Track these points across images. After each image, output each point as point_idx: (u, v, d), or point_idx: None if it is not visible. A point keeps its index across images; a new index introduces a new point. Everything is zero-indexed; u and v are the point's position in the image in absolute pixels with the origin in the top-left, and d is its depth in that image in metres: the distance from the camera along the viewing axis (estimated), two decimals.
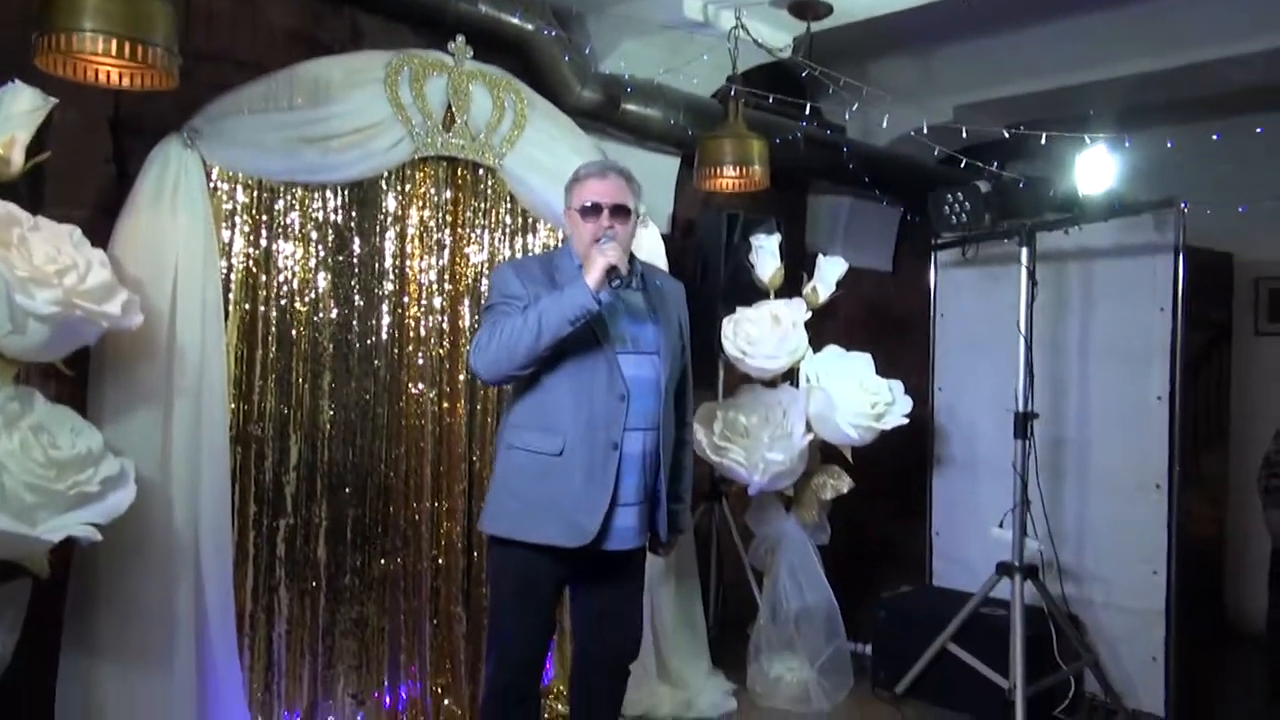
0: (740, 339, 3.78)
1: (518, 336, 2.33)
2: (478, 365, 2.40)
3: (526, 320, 2.33)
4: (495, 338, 2.35)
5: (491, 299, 2.47)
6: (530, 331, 2.33)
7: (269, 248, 3.12)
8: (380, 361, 3.35)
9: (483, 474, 3.56)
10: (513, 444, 2.49)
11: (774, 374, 3.81)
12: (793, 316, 3.78)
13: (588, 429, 2.43)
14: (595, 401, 2.44)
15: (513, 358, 2.34)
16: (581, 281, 2.35)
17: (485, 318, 2.47)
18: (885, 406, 3.72)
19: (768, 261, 3.97)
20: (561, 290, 2.36)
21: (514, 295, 2.44)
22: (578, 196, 2.53)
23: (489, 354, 2.37)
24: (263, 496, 3.09)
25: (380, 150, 3.20)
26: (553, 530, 2.43)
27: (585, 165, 2.59)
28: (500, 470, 2.51)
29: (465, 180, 3.56)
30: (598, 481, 2.43)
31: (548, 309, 2.33)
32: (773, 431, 3.66)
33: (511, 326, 2.34)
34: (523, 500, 2.45)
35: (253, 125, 2.94)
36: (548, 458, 2.43)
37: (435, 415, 3.46)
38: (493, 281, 2.50)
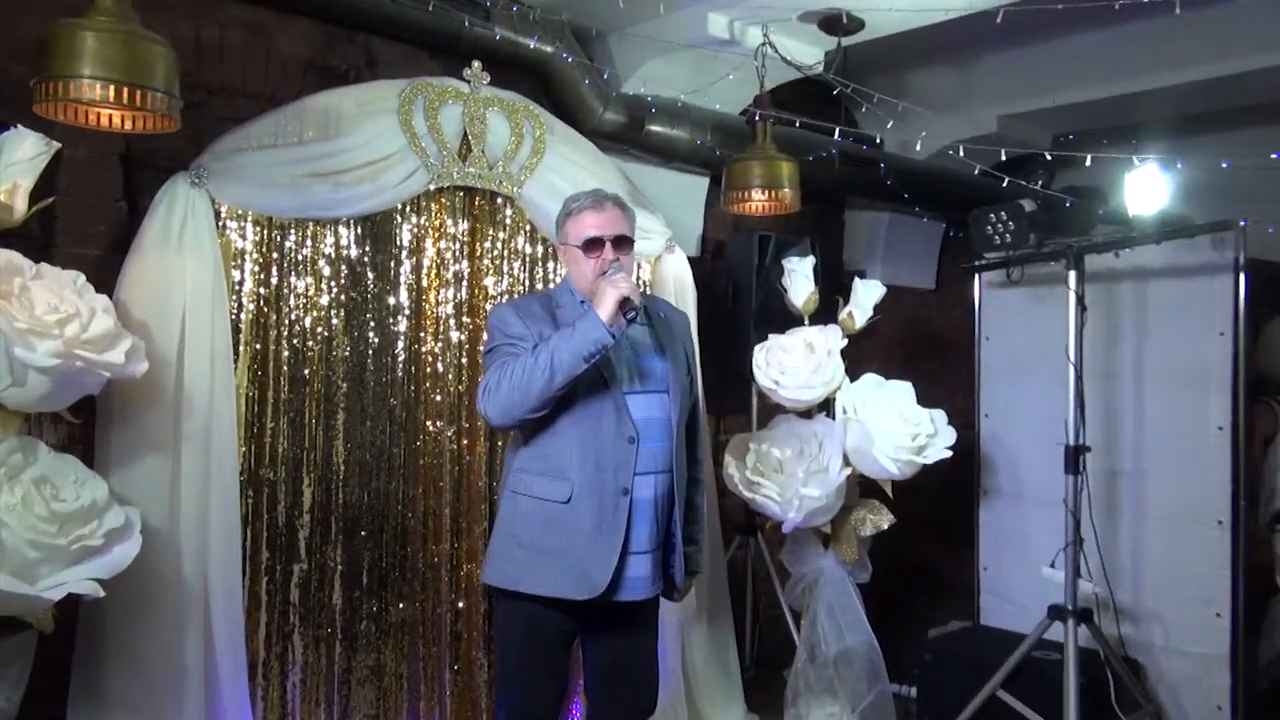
0: (773, 368, 3.73)
1: (529, 377, 2.31)
2: (488, 410, 2.38)
3: (538, 360, 2.32)
4: (506, 379, 2.33)
5: (493, 340, 2.46)
6: (542, 371, 2.31)
7: (280, 285, 3.13)
8: (396, 399, 3.36)
9: None
10: (517, 490, 2.47)
11: (808, 405, 3.75)
12: (828, 344, 3.72)
13: (596, 475, 2.40)
14: (603, 445, 2.42)
15: (525, 400, 2.32)
16: (593, 315, 2.33)
17: (488, 361, 2.46)
18: (927, 439, 3.65)
19: (801, 285, 3.92)
20: (572, 326, 2.35)
21: (517, 336, 2.43)
22: (575, 231, 2.52)
23: (500, 397, 2.35)
24: (275, 541, 3.09)
25: (394, 183, 3.21)
26: (561, 582, 2.41)
27: (577, 198, 2.56)
28: (504, 517, 2.49)
29: (483, 210, 3.56)
30: (608, 530, 2.41)
31: (560, 346, 2.32)
32: (808, 466, 3.60)
33: (522, 367, 2.32)
34: (528, 549, 2.43)
35: (261, 161, 2.96)
36: (555, 505, 2.42)
37: (454, 454, 3.45)
38: (491, 323, 2.49)
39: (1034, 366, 4.20)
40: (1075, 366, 3.53)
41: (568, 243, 2.54)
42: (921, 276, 5.66)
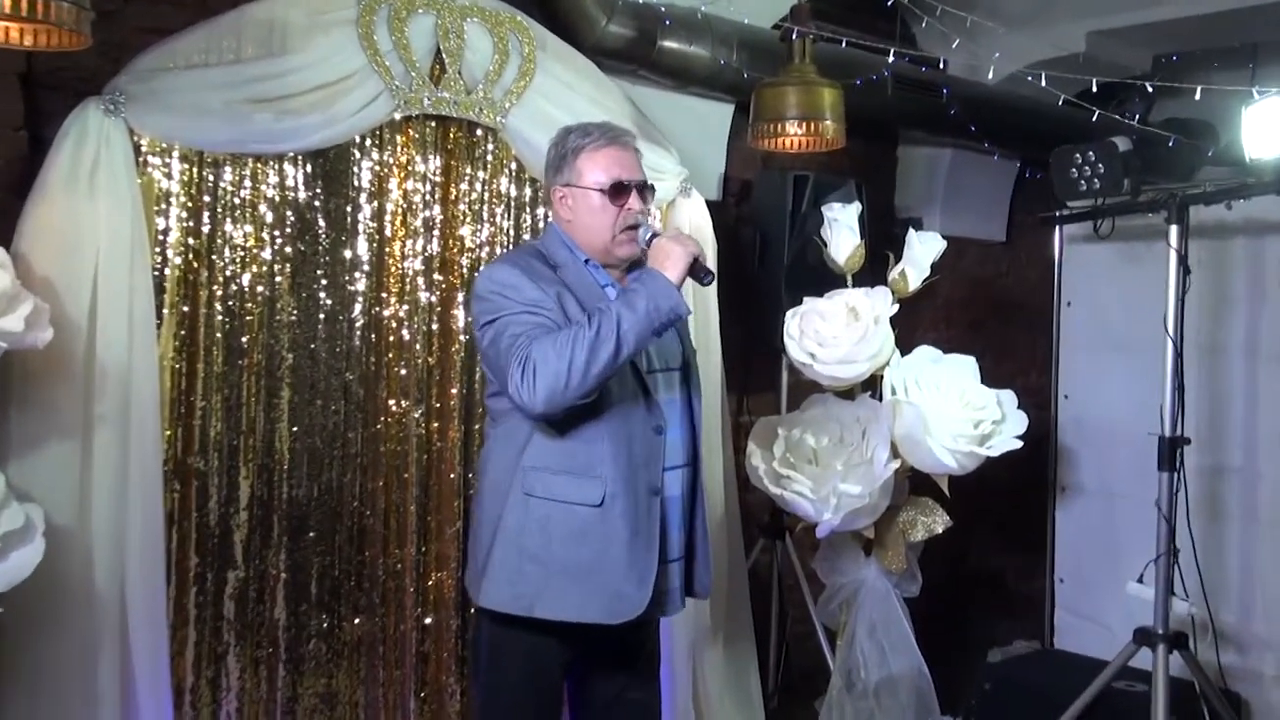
0: (808, 339, 3.71)
1: (591, 353, 2.31)
2: (534, 393, 2.33)
3: (599, 332, 2.32)
4: (555, 355, 2.32)
5: (502, 308, 2.43)
6: (606, 345, 2.32)
7: (213, 235, 3.11)
8: (353, 374, 3.35)
9: None
10: (534, 492, 2.47)
11: (850, 383, 3.74)
12: (875, 310, 3.69)
13: (629, 471, 2.45)
14: (634, 436, 2.47)
15: (584, 381, 2.32)
16: (662, 279, 2.38)
17: (496, 333, 2.43)
18: (993, 426, 3.63)
19: (844, 238, 3.88)
20: (634, 291, 2.38)
21: (535, 301, 2.42)
22: (590, 171, 2.55)
23: (549, 377, 2.31)
24: (206, 545, 3.10)
25: (351, 110, 3.19)
26: (588, 604, 2.43)
27: (588, 130, 2.59)
28: (511, 526, 2.48)
29: (459, 144, 3.53)
30: (644, 537, 2.46)
31: (624, 316, 2.34)
32: (848, 457, 3.59)
33: (580, 341, 2.32)
34: (548, 565, 2.44)
35: (191, 84, 2.93)
36: (584, 510, 2.44)
37: (421, 440, 3.45)
38: (488, 287, 2.47)
39: (1124, 339, 4.17)
40: (1174, 341, 3.51)
41: (577, 184, 2.56)
42: (989, 227, 5.61)
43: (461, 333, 3.56)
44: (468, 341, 3.59)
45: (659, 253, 2.45)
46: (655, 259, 2.45)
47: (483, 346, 2.47)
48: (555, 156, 2.60)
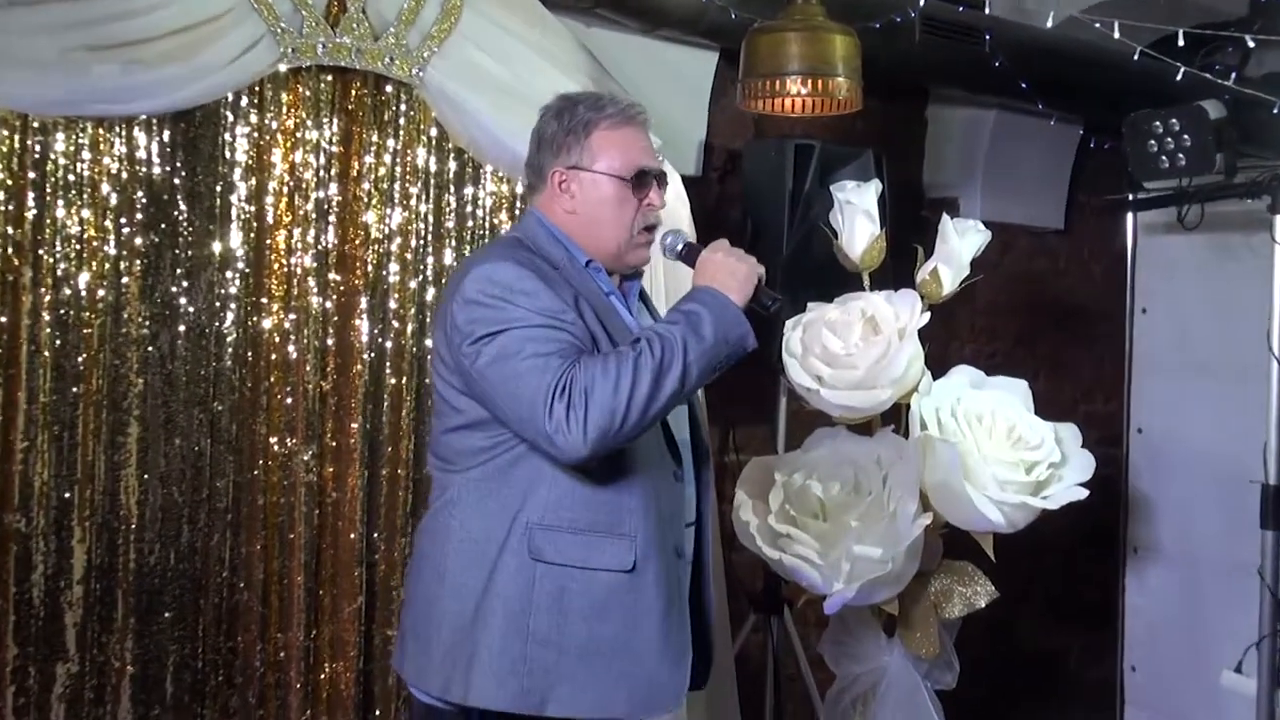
0: (813, 357, 3.70)
1: (656, 383, 2.40)
2: (586, 427, 2.36)
3: (663, 358, 2.41)
4: (614, 384, 2.37)
5: (516, 317, 2.45)
6: (673, 375, 2.41)
7: (40, 223, 3.09)
8: (222, 403, 3.34)
9: (390, 582, 3.52)
10: (544, 557, 2.49)
11: (868, 415, 3.73)
12: (900, 320, 3.68)
13: (659, 528, 2.55)
14: (659, 485, 2.58)
15: (643, 419, 2.40)
16: (731, 303, 2.51)
17: (522, 348, 2.43)
18: (1050, 470, 3.62)
19: (860, 226, 3.87)
20: (695, 314, 2.48)
21: (557, 314, 2.46)
22: (607, 153, 2.64)
23: (606, 409, 2.36)
24: (28, 628, 3.05)
25: (223, 61, 3.18)
26: (615, 695, 2.48)
27: (600, 101, 2.67)
28: (510, 602, 2.49)
29: (363, 104, 3.53)
30: (678, 609, 2.57)
31: (691, 342, 2.44)
32: (865, 511, 3.57)
33: (645, 367, 2.40)
34: (563, 649, 2.47)
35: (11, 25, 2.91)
36: (610, 578, 2.50)
37: (313, 488, 3.45)
38: (490, 290, 2.47)
39: (1215, 358, 4.18)
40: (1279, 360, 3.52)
41: (588, 168, 2.63)
42: (1044, 212, 5.64)
43: (366, 350, 3.55)
44: (373, 360, 3.59)
45: (711, 269, 2.55)
46: (705, 276, 2.54)
47: (475, 366, 2.46)
48: (559, 130, 2.64)
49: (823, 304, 3.79)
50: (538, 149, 2.68)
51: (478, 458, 2.53)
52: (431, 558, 2.57)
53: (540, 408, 2.36)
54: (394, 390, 3.62)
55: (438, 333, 2.56)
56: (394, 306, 3.64)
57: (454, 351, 2.49)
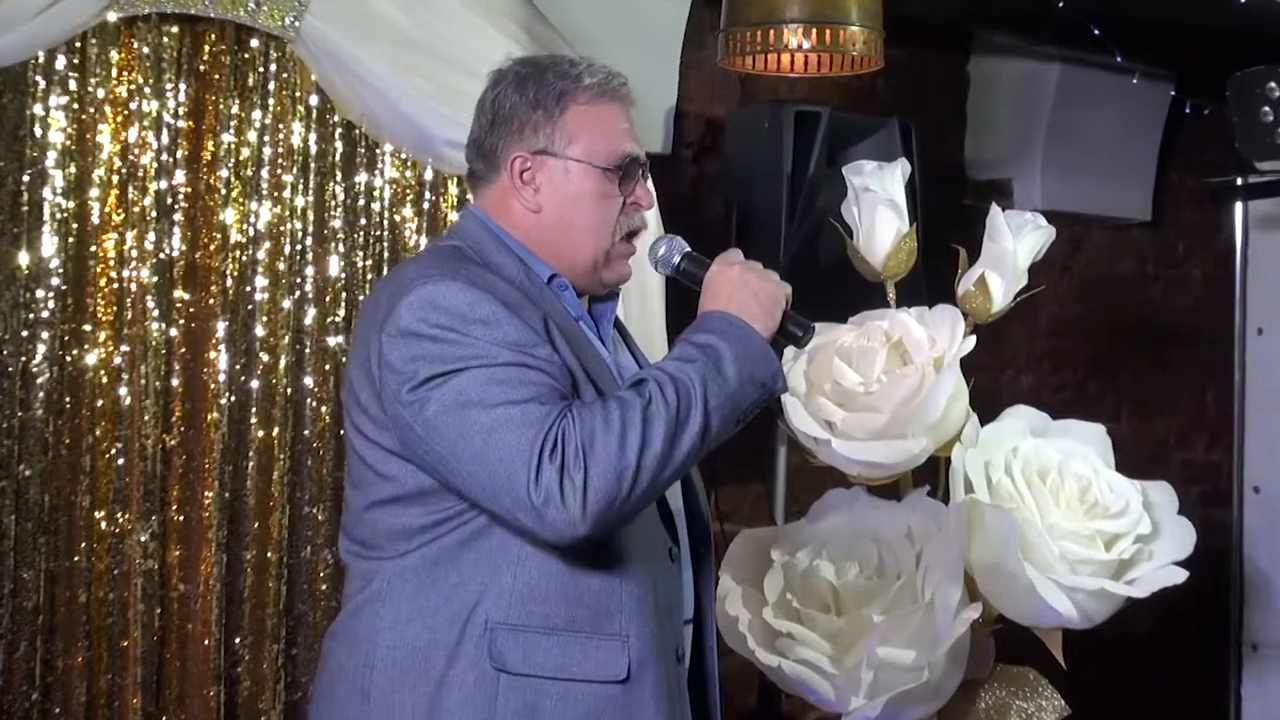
0: (822, 396, 3.68)
1: (673, 440, 2.41)
2: (587, 498, 2.35)
3: (678, 406, 2.42)
4: (619, 441, 2.38)
5: (474, 352, 2.44)
6: (693, 429, 2.43)
7: None
8: (30, 466, 3.33)
9: (257, 704, 3.51)
10: (508, 666, 2.48)
11: (895, 473, 3.71)
12: (937, 345, 3.67)
13: (657, 624, 2.57)
14: (654, 567, 2.60)
15: (655, 485, 2.43)
16: (756, 335, 2.54)
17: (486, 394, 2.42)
18: (1136, 544, 3.60)
19: (883, 219, 3.86)
20: (714, 348, 2.50)
21: (527, 348, 2.47)
22: (586, 134, 2.66)
23: (612, 474, 2.37)
24: None
25: (30, 9, 3.16)
26: None
27: (572, 69, 2.69)
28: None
29: (221, 65, 3.58)
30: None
31: (711, 385, 2.46)
32: (892, 601, 3.56)
33: (657, 419, 2.41)
34: None
35: None
36: (602, 691, 2.50)
37: (154, 578, 3.44)
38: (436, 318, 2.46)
39: None
40: None
41: (561, 153, 2.64)
42: (1124, 198, 5.68)
43: (223, 392, 3.57)
44: (233, 406, 3.60)
45: (726, 289, 2.58)
46: (719, 298, 2.57)
47: (421, 418, 2.44)
48: (521, 103, 2.65)
49: (834, 325, 3.77)
50: (490, 127, 2.67)
51: (415, 540, 2.51)
52: (350, 672, 2.55)
53: (523, 472, 2.35)
54: (262, 446, 3.63)
55: (354, 373, 2.53)
56: (261, 334, 3.64)
57: (385, 399, 2.47)
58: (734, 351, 2.47)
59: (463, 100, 3.58)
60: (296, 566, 3.59)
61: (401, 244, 3.90)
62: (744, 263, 2.64)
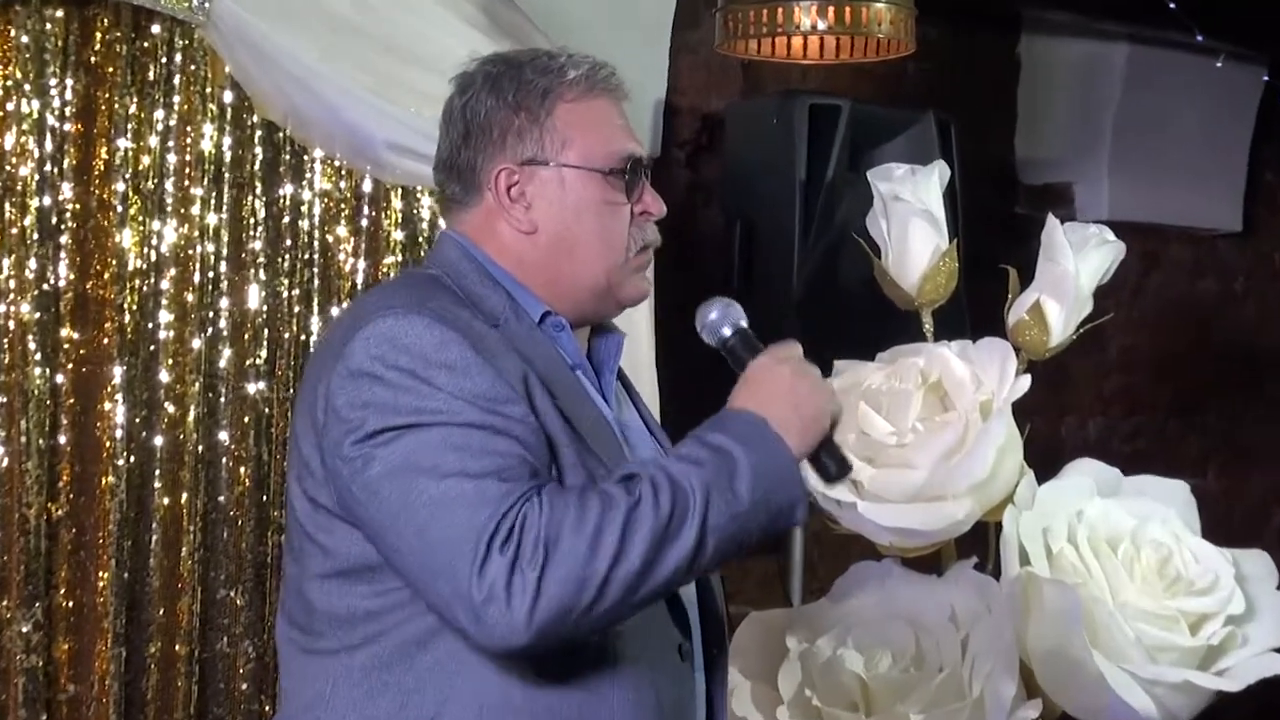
0: (845, 449, 3.64)
1: (658, 550, 2.36)
2: (537, 603, 2.31)
3: (673, 512, 2.36)
4: (590, 540, 2.33)
5: (432, 406, 2.41)
6: (684, 543, 2.37)
7: None
8: None
9: None
10: None
11: (935, 542, 3.67)
12: (984, 386, 3.65)
13: None
14: (657, 671, 2.57)
15: (624, 603, 2.38)
16: (783, 450, 2.47)
17: (436, 458, 2.37)
18: (1228, 628, 3.58)
19: (918, 235, 3.85)
20: (729, 456, 2.44)
21: (496, 404, 2.43)
22: (579, 133, 2.65)
23: (574, 579, 2.33)
24: None
25: None
26: None
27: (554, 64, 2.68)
28: None
29: (115, 57, 3.60)
30: None
31: (715, 496, 2.40)
32: (933, 697, 3.56)
33: (641, 521, 2.35)
34: None
35: None
36: None
37: (38, 677, 3.41)
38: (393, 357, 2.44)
39: None
40: None
41: (559, 161, 2.63)
42: (1209, 204, 5.71)
43: (121, 451, 3.57)
44: (132, 468, 3.61)
45: (766, 389, 2.54)
46: (755, 398, 2.52)
47: (363, 477, 2.43)
48: (499, 107, 2.64)
49: (858, 362, 3.76)
50: (464, 140, 2.65)
51: (362, 629, 2.49)
52: None
53: (467, 559, 2.31)
54: (168, 516, 3.65)
55: (299, 422, 2.54)
56: (167, 380, 3.66)
57: (325, 450, 2.45)
58: (754, 465, 2.41)
59: (408, 95, 3.64)
60: (210, 661, 3.60)
61: (335, 269, 3.90)
62: (798, 363, 2.57)
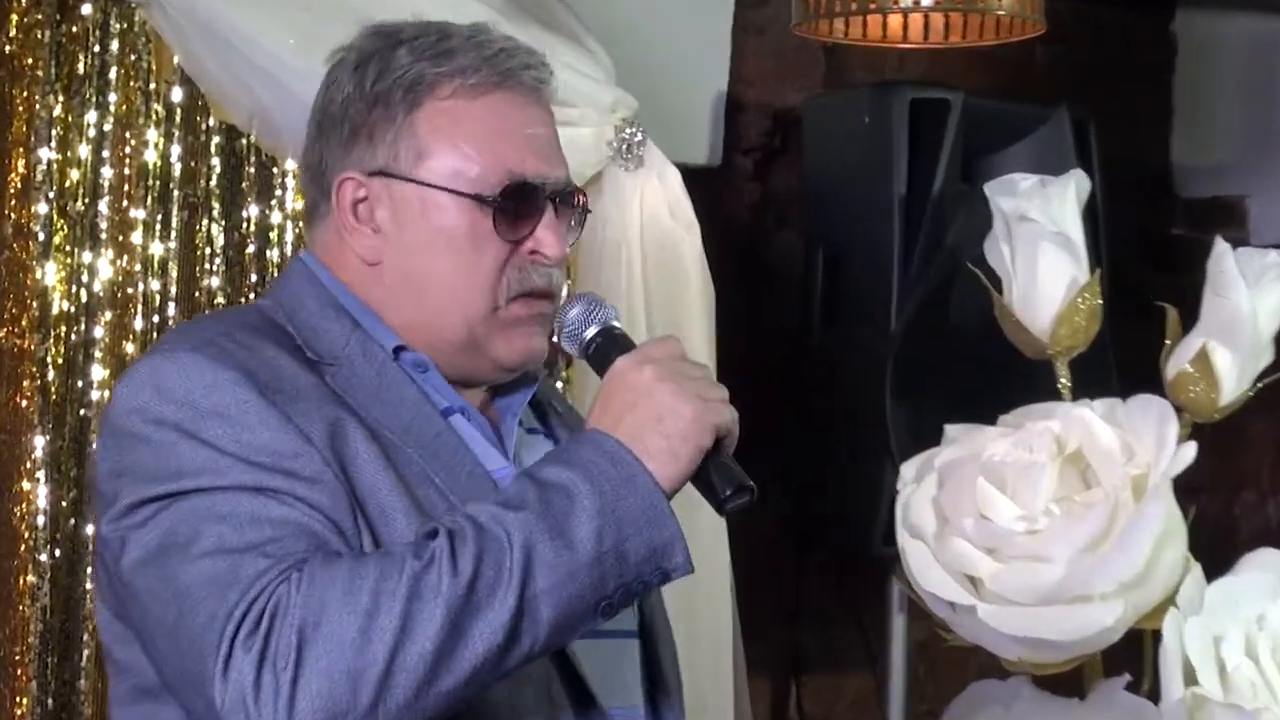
0: (960, 538, 3.50)
1: (450, 629, 2.35)
2: (296, 705, 2.27)
3: (472, 578, 2.35)
4: (365, 626, 2.31)
5: (195, 466, 2.41)
6: (493, 618, 2.36)
7: None
8: None
9: None
10: None
11: (1075, 654, 3.55)
12: (1138, 458, 3.51)
13: None
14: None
15: (425, 697, 2.35)
16: (635, 470, 2.44)
17: (198, 534, 2.36)
18: None
19: (1050, 264, 3.70)
20: (562, 489, 2.43)
21: (289, 463, 2.43)
22: (447, 140, 2.67)
23: (338, 673, 2.30)
24: None
25: None
26: None
27: (440, 41, 2.68)
28: None
29: (36, 46, 3.61)
30: None
31: (539, 545, 2.38)
32: None
33: (430, 592, 2.34)
34: None
35: None
36: None
37: None
38: (155, 409, 2.45)
39: None
40: None
41: (406, 174, 2.65)
42: None
43: (44, 544, 3.66)
44: (59, 565, 3.72)
45: (623, 398, 2.50)
46: (610, 412, 2.49)
47: (120, 566, 2.44)
48: (354, 97, 2.67)
49: (975, 427, 3.63)
50: (316, 133, 2.67)
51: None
52: None
53: (210, 657, 2.28)
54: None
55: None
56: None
57: (98, 535, 2.49)
58: (597, 502, 2.38)
59: None
60: None
61: None
62: (668, 363, 2.52)
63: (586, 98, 3.87)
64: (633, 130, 3.91)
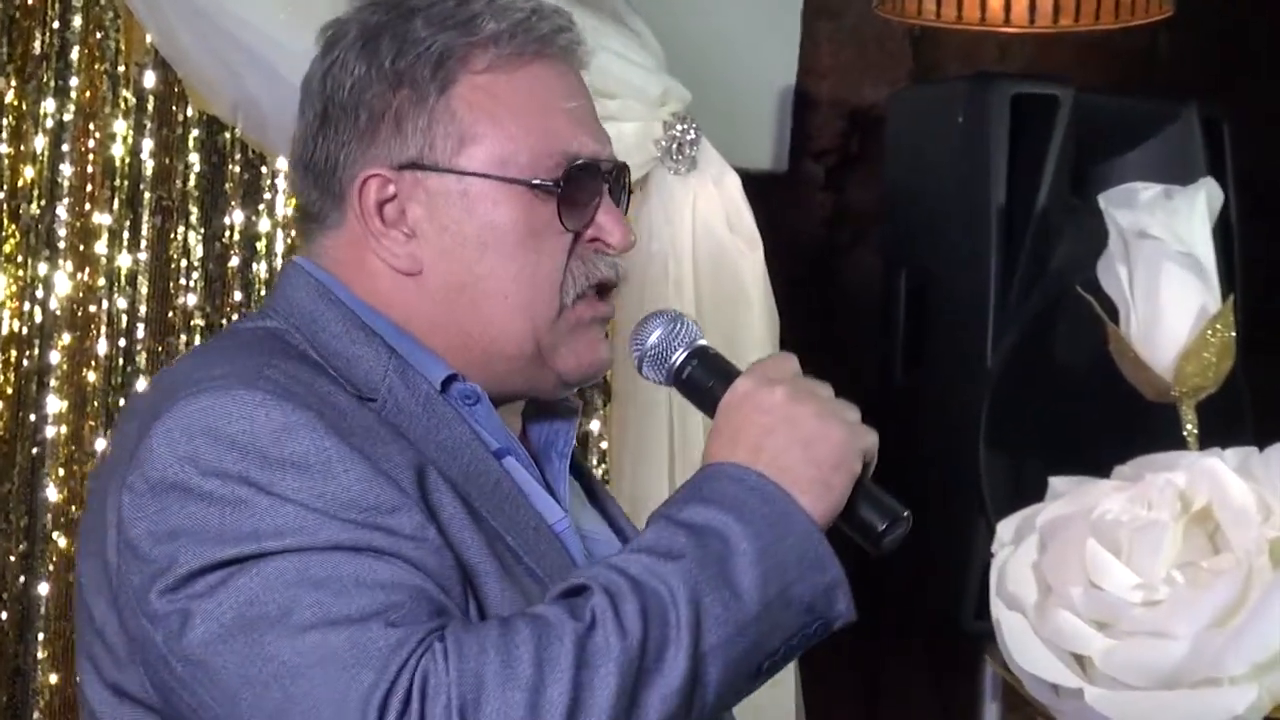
0: (1066, 609, 3.53)
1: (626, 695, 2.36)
2: None
3: (642, 639, 2.37)
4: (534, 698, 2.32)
5: (292, 525, 2.39)
6: (670, 678, 2.38)
7: None
8: None
9: None
10: None
11: None
12: (1273, 517, 3.53)
13: None
14: None
15: None
16: (791, 509, 2.48)
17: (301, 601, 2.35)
18: None
19: (1176, 290, 3.76)
20: (717, 534, 2.45)
21: (388, 520, 2.42)
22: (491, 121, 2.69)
23: None
24: None
25: None
26: None
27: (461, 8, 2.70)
28: None
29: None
30: None
31: (710, 604, 2.41)
32: None
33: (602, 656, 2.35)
34: None
35: None
36: None
37: None
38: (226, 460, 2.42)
39: None
40: None
41: (455, 166, 2.67)
42: None
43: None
44: (7, 627, 3.69)
45: (755, 427, 2.53)
46: (742, 444, 2.51)
47: (181, 646, 2.40)
48: (369, 79, 2.67)
49: (1085, 480, 3.65)
50: (320, 125, 2.65)
51: None
52: None
53: None
54: (56, 699, 3.70)
55: (84, 565, 2.54)
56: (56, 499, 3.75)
57: (123, 608, 2.42)
58: (756, 544, 2.40)
59: None
60: None
61: None
62: (798, 382, 2.55)
63: (631, 87, 3.87)
64: (684, 127, 3.91)
